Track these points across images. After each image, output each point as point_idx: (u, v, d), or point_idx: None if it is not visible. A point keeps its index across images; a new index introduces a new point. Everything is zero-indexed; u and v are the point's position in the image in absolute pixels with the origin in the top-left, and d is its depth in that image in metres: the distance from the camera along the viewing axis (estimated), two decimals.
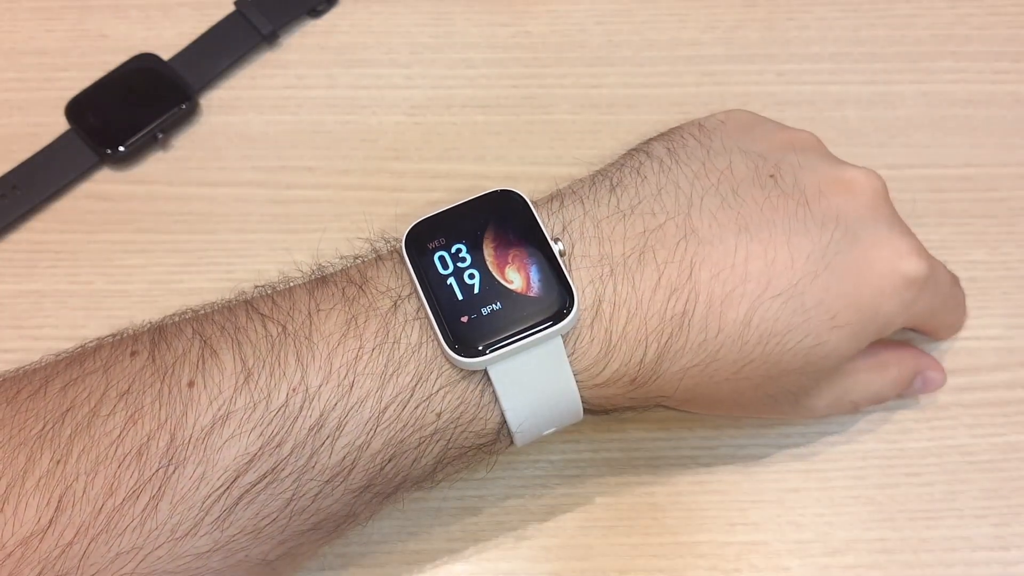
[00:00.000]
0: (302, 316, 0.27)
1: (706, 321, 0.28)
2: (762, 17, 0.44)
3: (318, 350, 0.27)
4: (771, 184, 0.30)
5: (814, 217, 0.29)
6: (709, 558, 0.34)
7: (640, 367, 0.28)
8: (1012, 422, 0.36)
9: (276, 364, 0.26)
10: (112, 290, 0.38)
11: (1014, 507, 0.34)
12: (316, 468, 0.26)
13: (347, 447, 0.27)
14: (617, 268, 0.28)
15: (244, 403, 0.26)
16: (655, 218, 0.29)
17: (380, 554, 0.34)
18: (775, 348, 0.29)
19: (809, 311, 0.28)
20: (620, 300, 0.28)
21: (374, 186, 0.40)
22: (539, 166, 0.41)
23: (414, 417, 0.27)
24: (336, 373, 0.26)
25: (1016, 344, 0.37)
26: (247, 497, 0.26)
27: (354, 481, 0.27)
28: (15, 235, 0.40)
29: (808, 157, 0.31)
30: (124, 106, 0.41)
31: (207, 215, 0.40)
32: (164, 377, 0.26)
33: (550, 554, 0.34)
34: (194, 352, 0.27)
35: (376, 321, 0.27)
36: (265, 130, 0.42)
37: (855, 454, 0.35)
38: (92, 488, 0.25)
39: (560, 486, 0.35)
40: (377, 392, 0.27)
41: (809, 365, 0.29)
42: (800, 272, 0.28)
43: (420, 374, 0.27)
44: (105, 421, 0.26)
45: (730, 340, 0.28)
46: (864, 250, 0.29)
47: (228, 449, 0.26)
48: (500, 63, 0.43)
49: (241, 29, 0.43)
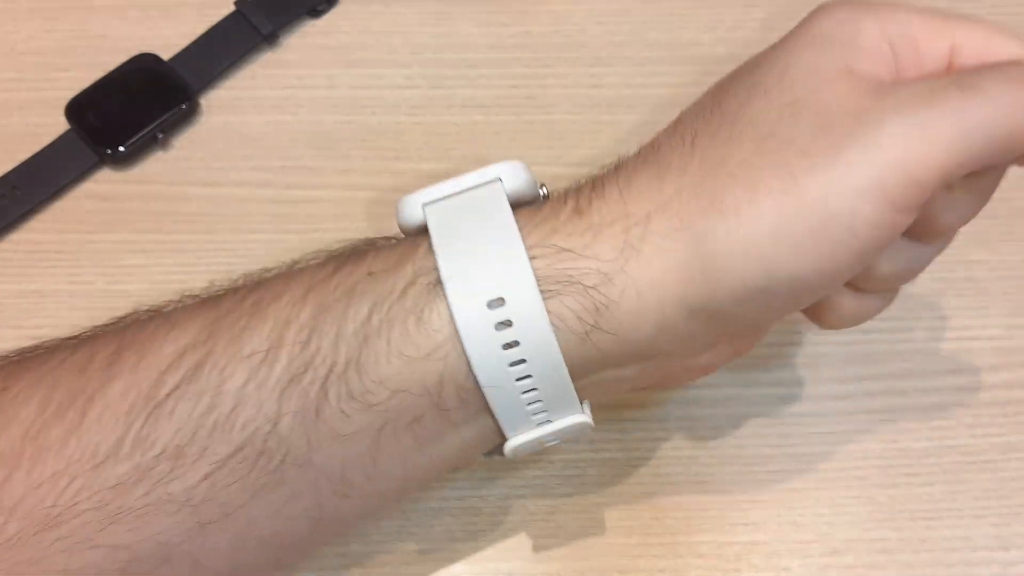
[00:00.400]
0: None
1: (639, 152, 0.27)
2: (762, 17, 0.44)
3: (284, 267, 0.28)
4: None
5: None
6: (709, 558, 0.34)
7: (578, 193, 0.26)
8: (1012, 422, 0.36)
9: (240, 280, 0.27)
10: (112, 290, 0.38)
11: (1014, 507, 0.34)
12: (242, 353, 0.25)
13: (275, 322, 0.25)
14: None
15: (195, 304, 0.26)
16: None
17: (380, 554, 0.34)
18: (714, 105, 0.26)
19: (738, 81, 0.26)
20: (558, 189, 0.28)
21: (374, 186, 0.40)
22: (539, 166, 0.41)
23: (344, 281, 0.26)
24: (290, 269, 0.27)
25: (1016, 344, 0.37)
26: (170, 403, 0.24)
27: (277, 368, 0.25)
28: (15, 235, 0.40)
29: None
30: (124, 106, 0.41)
31: (207, 215, 0.40)
32: (141, 311, 0.27)
33: (550, 554, 0.34)
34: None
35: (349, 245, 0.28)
36: (265, 130, 0.42)
37: (855, 454, 0.35)
38: (25, 410, 0.24)
39: (560, 486, 0.35)
40: (315, 270, 0.26)
41: (764, 79, 0.25)
42: (725, 80, 0.27)
43: (361, 248, 0.27)
44: (64, 349, 0.26)
45: (666, 140, 0.26)
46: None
47: (166, 347, 0.25)
48: (500, 63, 0.43)
49: (241, 29, 0.43)
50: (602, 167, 0.27)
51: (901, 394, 0.36)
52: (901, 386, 0.36)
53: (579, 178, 0.27)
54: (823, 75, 0.24)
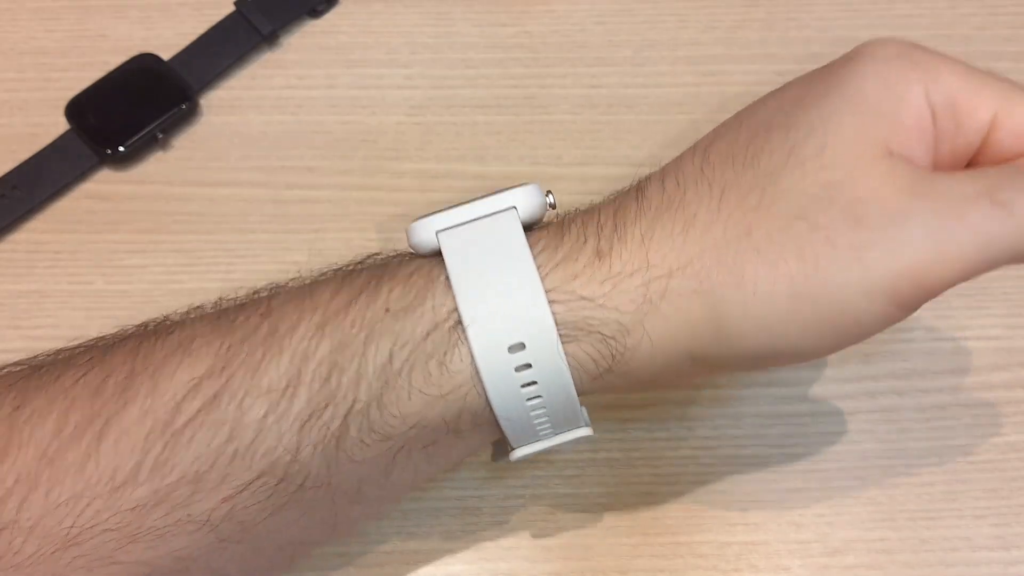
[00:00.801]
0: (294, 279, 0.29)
1: (662, 182, 0.26)
2: (762, 17, 0.44)
3: (292, 284, 0.27)
4: None
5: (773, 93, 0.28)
6: (709, 558, 0.34)
7: (599, 233, 0.26)
8: (1012, 422, 0.36)
9: (250, 299, 0.27)
10: (112, 290, 0.38)
11: (1014, 507, 0.34)
12: (260, 387, 0.25)
13: (293, 355, 0.25)
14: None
15: (208, 329, 0.26)
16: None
17: (380, 554, 0.34)
18: (746, 158, 0.25)
19: (771, 118, 0.26)
20: (577, 210, 0.28)
21: (374, 186, 0.40)
22: (539, 166, 0.41)
23: (361, 316, 0.25)
24: (301, 293, 0.27)
25: (1016, 344, 0.37)
26: (188, 431, 0.25)
27: (297, 403, 0.25)
28: (15, 235, 0.40)
29: None
30: (124, 106, 0.41)
31: (207, 215, 0.40)
32: (148, 327, 0.27)
33: (550, 554, 0.34)
34: (183, 313, 0.28)
35: (357, 261, 0.28)
36: (265, 130, 0.42)
37: (855, 454, 0.35)
38: (40, 430, 0.24)
39: (560, 486, 0.35)
40: (329, 299, 0.26)
41: (800, 150, 0.25)
42: (752, 106, 0.27)
43: (375, 276, 0.27)
44: (76, 368, 0.25)
45: (692, 183, 0.26)
46: (827, 67, 0.27)
47: (181, 373, 0.25)
48: (500, 63, 0.43)
49: (241, 29, 0.43)
50: (619, 194, 0.27)
51: (901, 394, 0.36)
52: (901, 386, 0.36)
53: (596, 200, 0.28)
54: (862, 157, 0.24)
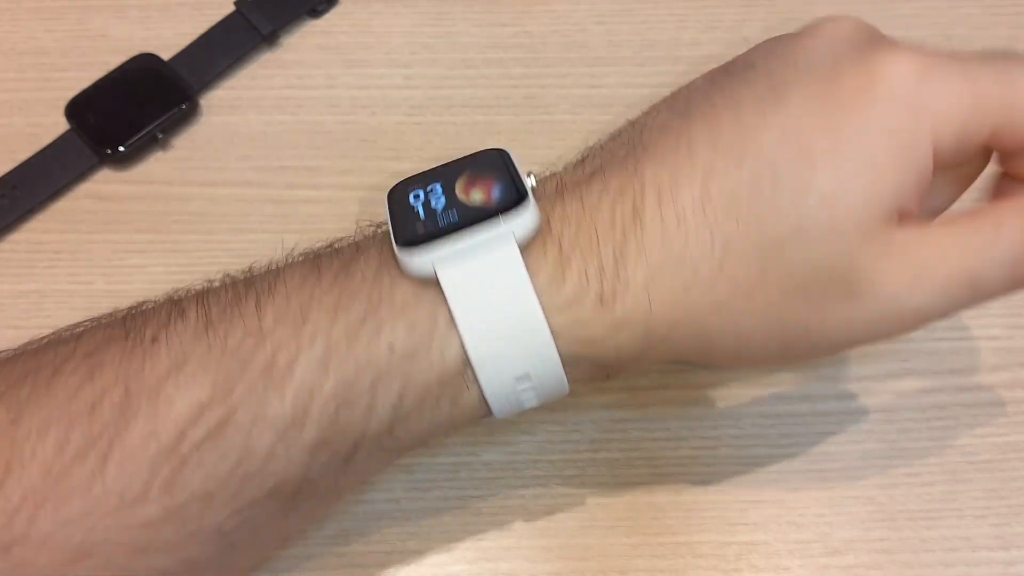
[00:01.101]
0: (271, 272, 0.27)
1: (660, 209, 0.25)
2: (762, 17, 0.44)
3: (278, 294, 0.26)
4: (736, 74, 0.27)
5: (758, 72, 0.26)
6: (709, 558, 0.34)
7: (601, 275, 0.25)
8: (1012, 422, 0.36)
9: (236, 311, 0.26)
10: (112, 290, 0.38)
11: (1014, 507, 0.34)
12: (267, 419, 0.25)
13: (297, 390, 0.25)
14: (566, 190, 0.27)
15: (201, 350, 0.25)
16: (611, 153, 0.27)
17: (380, 554, 0.34)
18: (751, 214, 0.24)
19: (776, 158, 0.24)
20: (569, 213, 0.26)
21: (374, 186, 0.40)
22: (539, 166, 0.41)
23: (366, 353, 0.25)
24: (292, 311, 0.26)
25: (1016, 344, 0.37)
26: (196, 456, 0.25)
27: (307, 435, 0.25)
28: (15, 235, 0.40)
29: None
30: (124, 106, 0.41)
31: (207, 215, 0.40)
32: (129, 335, 0.26)
33: (550, 554, 0.34)
34: (163, 314, 0.26)
35: (338, 262, 0.27)
36: (265, 130, 0.42)
37: (855, 454, 0.35)
38: (42, 447, 0.24)
39: (560, 486, 0.35)
40: (327, 328, 0.25)
41: (808, 221, 0.24)
42: (752, 124, 0.24)
43: (372, 302, 0.26)
44: (66, 380, 0.25)
45: (694, 224, 0.25)
46: (829, 80, 0.25)
47: (180, 400, 0.25)
48: (500, 63, 0.43)
49: (241, 29, 0.43)
50: (615, 208, 0.26)
51: (902, 394, 0.36)
52: (902, 386, 0.37)
53: (589, 195, 0.27)
54: (868, 230, 0.24)
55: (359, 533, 0.34)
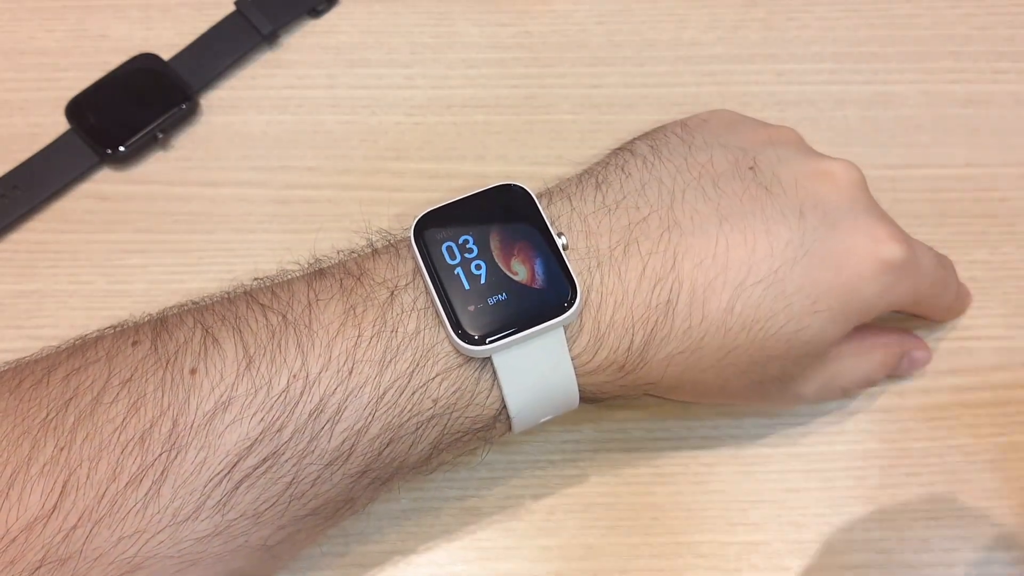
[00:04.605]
0: (301, 306, 0.28)
1: (690, 309, 0.29)
2: (762, 17, 0.44)
3: (318, 338, 0.27)
4: (750, 176, 0.30)
5: (792, 206, 0.30)
6: (709, 558, 0.34)
7: (628, 354, 0.29)
8: (1012, 422, 0.36)
9: (277, 351, 0.27)
10: (112, 290, 0.38)
11: (1014, 507, 0.34)
12: (315, 453, 0.27)
13: (346, 432, 0.27)
14: (604, 260, 0.29)
15: (246, 389, 0.26)
16: (639, 212, 0.29)
17: (380, 554, 0.34)
18: (758, 334, 0.29)
19: (790, 297, 0.29)
20: (607, 290, 0.29)
21: (374, 186, 0.40)
22: (539, 166, 0.41)
23: (411, 403, 0.27)
24: (335, 360, 0.27)
25: (1016, 344, 0.37)
26: (247, 481, 0.26)
27: (352, 466, 0.27)
28: (15, 235, 0.40)
29: (787, 150, 0.32)
30: (124, 106, 0.41)
31: (207, 215, 0.40)
32: (167, 365, 0.27)
33: (550, 554, 0.34)
34: (196, 341, 0.27)
35: (374, 311, 0.28)
36: (265, 130, 0.42)
37: (855, 454, 0.35)
38: (96, 473, 0.25)
39: (560, 486, 0.35)
40: (375, 378, 0.27)
41: (793, 350, 0.30)
42: (780, 259, 0.29)
43: (417, 361, 0.27)
44: (108, 408, 0.26)
45: (714, 327, 0.29)
46: (842, 237, 0.30)
47: (229, 434, 0.26)
48: (500, 63, 0.43)
49: (241, 29, 0.43)
50: (651, 300, 0.29)
51: (901, 394, 0.36)
52: (901, 386, 0.37)
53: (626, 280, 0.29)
54: (837, 341, 0.31)
55: (359, 533, 0.34)
